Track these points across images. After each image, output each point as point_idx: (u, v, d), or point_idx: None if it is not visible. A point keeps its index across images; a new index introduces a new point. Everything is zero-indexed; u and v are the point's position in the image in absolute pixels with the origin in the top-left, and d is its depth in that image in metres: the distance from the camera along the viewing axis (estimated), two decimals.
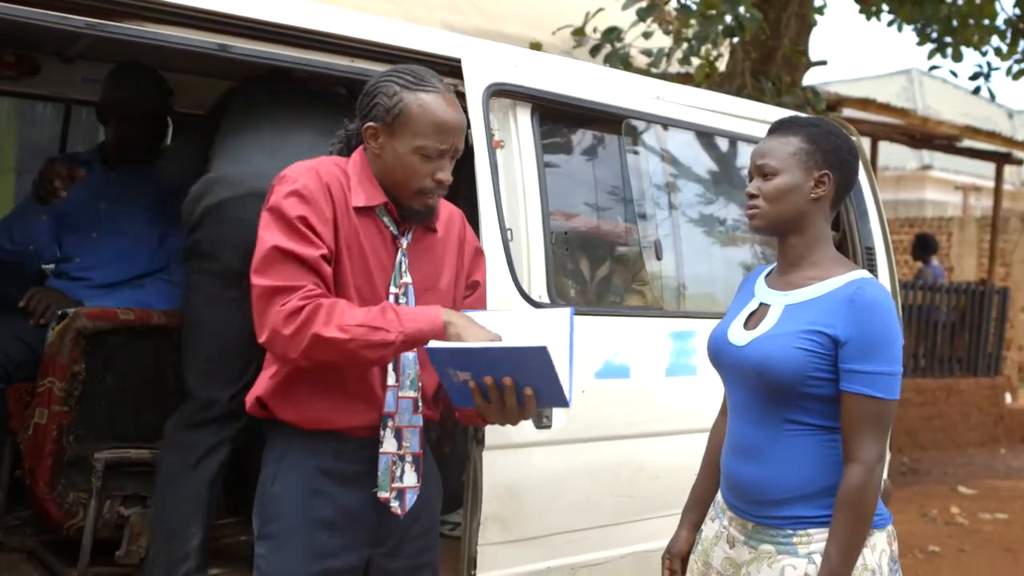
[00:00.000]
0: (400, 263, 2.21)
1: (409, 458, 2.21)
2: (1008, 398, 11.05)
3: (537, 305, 2.90)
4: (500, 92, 2.95)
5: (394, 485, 2.18)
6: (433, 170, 2.18)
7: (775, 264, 2.34)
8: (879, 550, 2.14)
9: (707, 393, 2.91)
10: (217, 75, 3.72)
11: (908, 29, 8.14)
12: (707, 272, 3.63)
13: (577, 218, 3.33)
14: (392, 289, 2.20)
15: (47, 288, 3.37)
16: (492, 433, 2.77)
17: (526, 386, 2.03)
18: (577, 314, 3.01)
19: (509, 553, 2.86)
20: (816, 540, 2.10)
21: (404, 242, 2.23)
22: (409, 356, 2.20)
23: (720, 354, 2.27)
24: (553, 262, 2.99)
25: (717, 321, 2.35)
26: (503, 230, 2.85)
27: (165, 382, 3.12)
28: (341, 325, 2.03)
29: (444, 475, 3.47)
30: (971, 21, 7.88)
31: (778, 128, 2.26)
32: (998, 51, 8.08)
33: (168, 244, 3.48)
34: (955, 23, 7.84)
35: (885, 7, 8.04)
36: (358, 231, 2.18)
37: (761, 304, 2.24)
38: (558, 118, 3.20)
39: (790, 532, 2.12)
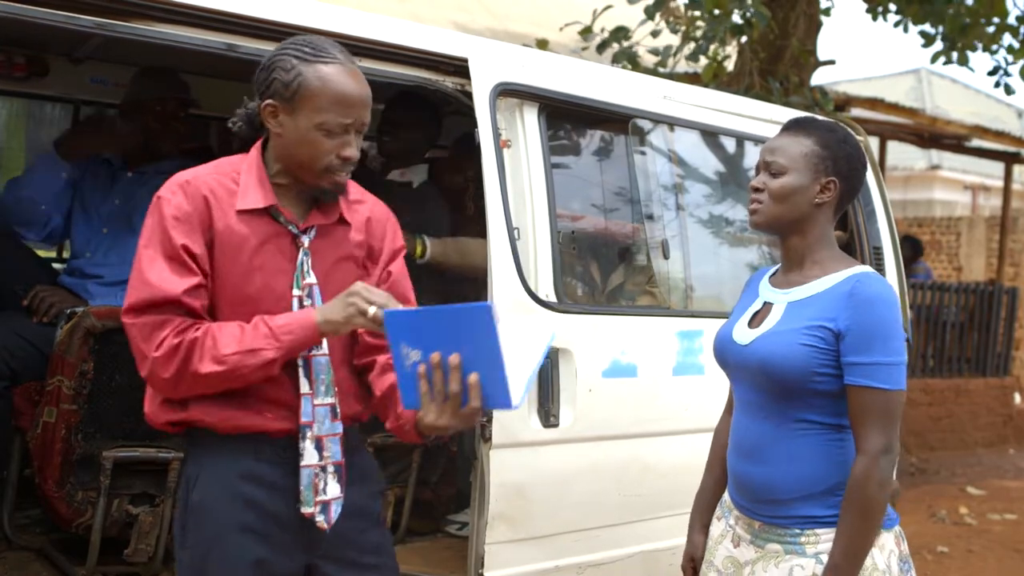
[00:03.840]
0: (301, 263, 2.08)
1: (331, 468, 2.09)
2: (1017, 398, 11.01)
3: (545, 305, 2.90)
4: (507, 92, 2.95)
5: (318, 499, 2.07)
6: (338, 146, 2.05)
7: (780, 265, 2.34)
8: (887, 551, 2.13)
9: (714, 392, 2.91)
10: (224, 76, 3.73)
11: (915, 30, 8.09)
12: (714, 272, 3.63)
13: (584, 218, 3.33)
14: (295, 291, 2.07)
15: (52, 286, 3.38)
16: (500, 432, 2.78)
17: (471, 372, 1.87)
18: (584, 313, 3.04)
19: (517, 552, 2.86)
20: (824, 540, 2.09)
21: (306, 240, 2.10)
22: (321, 361, 2.08)
23: (725, 353, 2.27)
24: (560, 261, 2.99)
25: (724, 320, 2.36)
26: (510, 229, 2.85)
27: None
28: (216, 357, 1.95)
29: (452, 474, 3.50)
30: (982, 20, 7.83)
31: (793, 127, 2.24)
32: (1011, 49, 8.03)
33: None
34: (967, 21, 7.79)
35: (892, 7, 8.00)
36: (248, 236, 2.05)
37: (765, 303, 2.25)
38: (565, 118, 3.20)
39: (797, 531, 2.12)
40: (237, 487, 2.06)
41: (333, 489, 2.10)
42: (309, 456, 2.07)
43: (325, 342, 2.09)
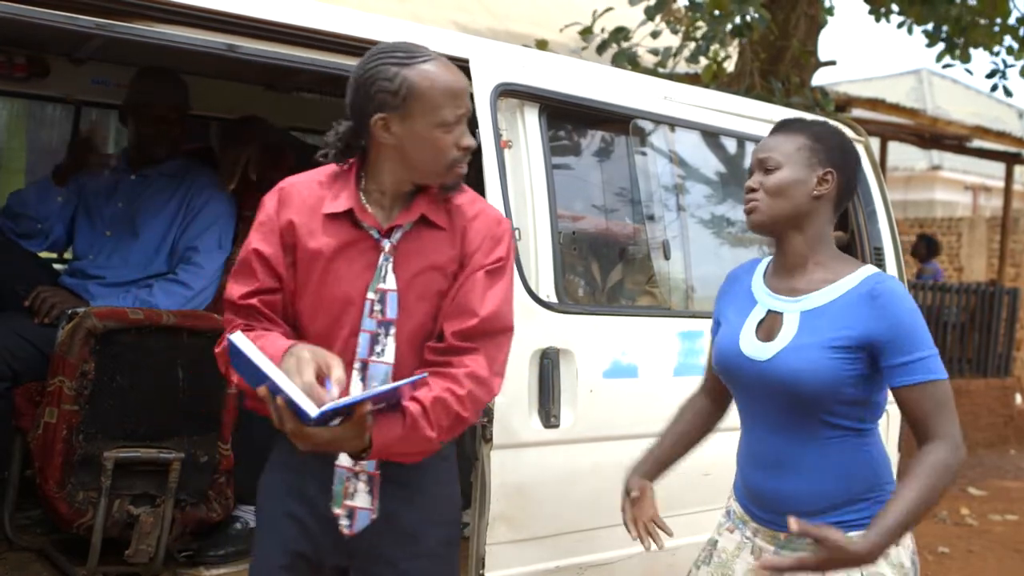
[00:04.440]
0: (381, 267, 2.06)
1: (364, 477, 2.07)
2: (1018, 399, 11.00)
3: (546, 305, 2.89)
4: (508, 92, 2.95)
5: (346, 502, 2.07)
6: (457, 138, 2.05)
7: (765, 263, 2.28)
8: (910, 549, 2.10)
9: None
10: (225, 76, 3.73)
11: (917, 30, 8.10)
12: (715, 272, 3.61)
13: (585, 218, 3.33)
14: (369, 295, 2.05)
15: (53, 287, 3.39)
16: (500, 432, 2.78)
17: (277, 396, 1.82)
18: (586, 314, 3.03)
19: (517, 552, 2.86)
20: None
21: (387, 244, 2.07)
22: (380, 368, 2.05)
23: (735, 369, 2.19)
24: (561, 262, 2.99)
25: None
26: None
27: (175, 382, 3.13)
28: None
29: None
30: (983, 21, 7.84)
31: (783, 127, 2.22)
32: (1010, 50, 8.04)
33: (180, 247, 3.51)
34: (970, 19, 7.79)
35: (895, 8, 8.01)
36: (328, 241, 2.07)
37: (770, 312, 2.18)
38: (566, 118, 3.20)
39: None
40: (293, 478, 2.13)
41: (362, 499, 2.08)
42: (343, 458, 2.07)
43: (390, 349, 2.05)
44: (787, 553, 2.12)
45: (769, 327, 2.16)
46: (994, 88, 8.30)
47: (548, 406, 2.87)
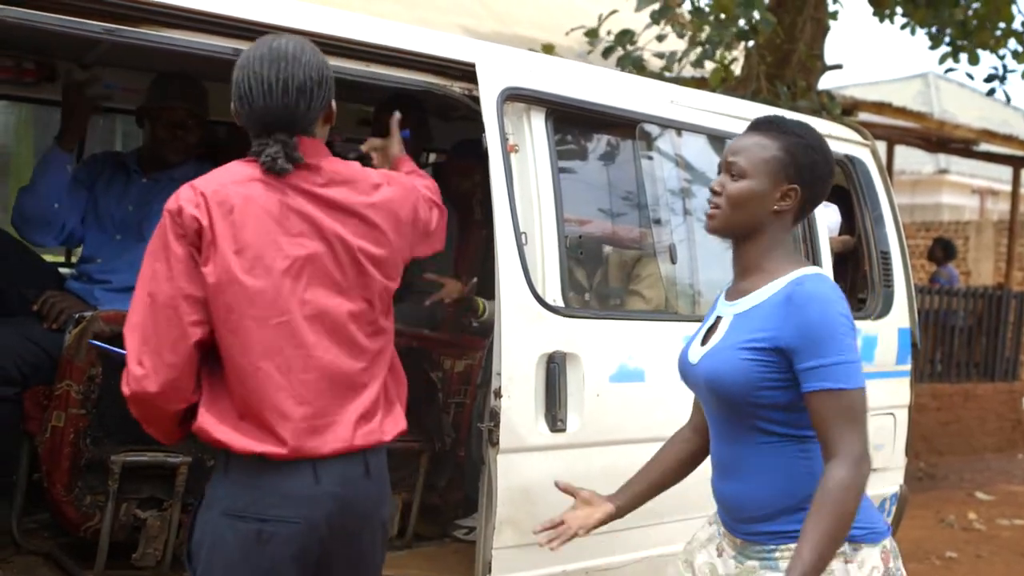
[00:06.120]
0: None
1: None
2: None
3: (552, 310, 2.89)
4: (514, 96, 2.95)
5: None
6: None
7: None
8: (868, 567, 2.03)
9: None
10: (229, 80, 3.73)
11: (921, 32, 8.10)
12: (722, 276, 3.60)
13: (592, 222, 3.33)
14: None
15: (62, 292, 3.39)
16: (507, 436, 2.78)
17: None
18: (592, 318, 3.03)
19: (524, 557, 2.85)
20: None
21: None
22: None
23: (684, 375, 2.23)
24: (568, 266, 2.99)
25: None
26: (517, 234, 2.85)
27: None
28: None
29: (459, 479, 3.49)
30: (987, 24, 7.84)
31: (761, 127, 2.16)
32: (1015, 53, 8.04)
33: None
34: (975, 24, 7.79)
35: (899, 9, 8.01)
36: None
37: (718, 318, 2.19)
38: (572, 122, 3.20)
39: (772, 547, 2.07)
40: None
41: None
42: None
43: None
44: (742, 560, 2.13)
45: (712, 332, 2.17)
46: (991, 92, 8.30)
47: (555, 410, 2.87)
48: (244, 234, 2.03)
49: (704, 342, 2.17)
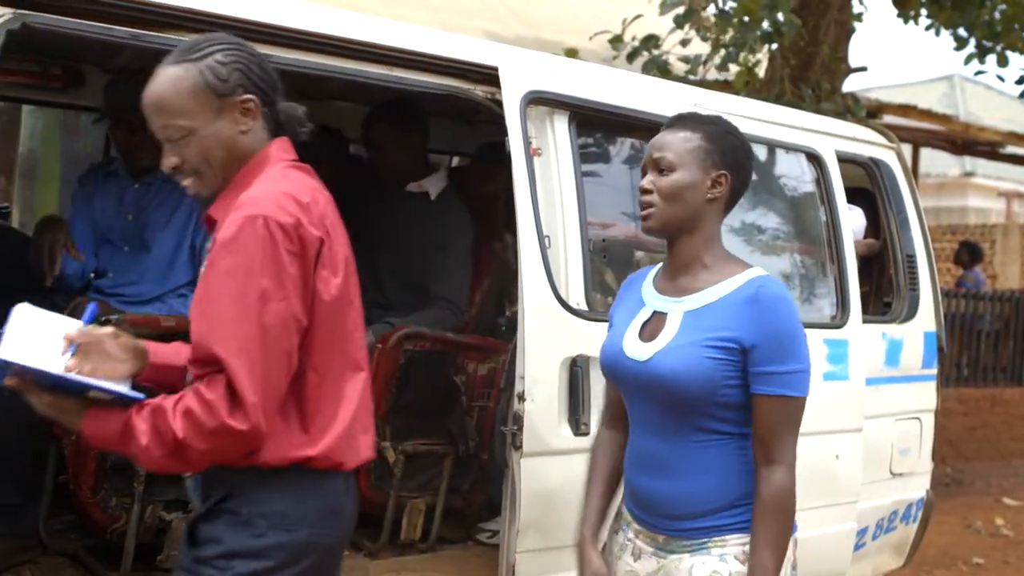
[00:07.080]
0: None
1: None
2: None
3: (576, 313, 2.89)
4: (537, 100, 2.95)
5: None
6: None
7: (658, 267, 2.26)
8: (788, 560, 2.08)
9: None
10: None
11: (946, 34, 8.05)
12: None
13: (615, 225, 3.33)
14: None
15: (92, 298, 3.39)
16: (531, 440, 2.77)
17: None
18: None
19: (547, 560, 2.85)
20: (732, 544, 2.05)
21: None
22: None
23: (618, 369, 2.18)
24: (591, 270, 2.99)
25: None
26: (541, 238, 2.85)
27: None
28: None
29: (483, 482, 3.49)
30: (1015, 26, 7.77)
31: (677, 123, 2.18)
32: None
33: (202, 253, 3.47)
34: (999, 28, 7.73)
35: (924, 11, 7.96)
36: None
37: (656, 313, 2.16)
38: (595, 126, 3.20)
39: (704, 540, 2.07)
40: None
41: None
42: None
43: None
44: (663, 555, 2.11)
45: (653, 328, 2.14)
46: (1022, 96, 8.23)
47: (578, 414, 2.86)
48: (340, 249, 1.95)
49: (645, 337, 2.14)
